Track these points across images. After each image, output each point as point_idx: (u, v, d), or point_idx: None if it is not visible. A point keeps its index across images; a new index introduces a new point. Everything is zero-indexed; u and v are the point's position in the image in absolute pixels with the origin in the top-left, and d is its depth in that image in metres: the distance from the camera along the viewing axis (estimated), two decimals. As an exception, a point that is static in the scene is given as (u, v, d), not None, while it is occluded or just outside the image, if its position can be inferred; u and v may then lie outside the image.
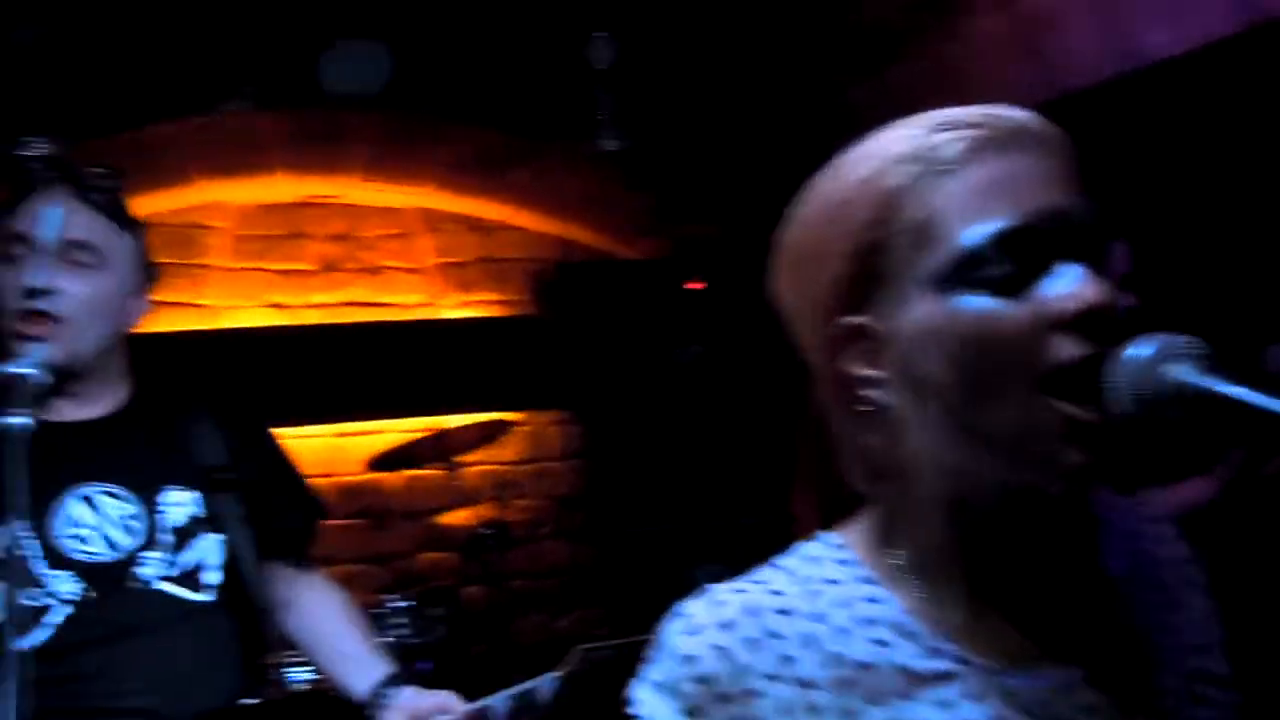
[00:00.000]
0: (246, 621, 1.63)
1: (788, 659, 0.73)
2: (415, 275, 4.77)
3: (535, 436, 4.87)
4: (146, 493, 1.57)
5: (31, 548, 1.45)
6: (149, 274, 1.72)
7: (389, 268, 4.74)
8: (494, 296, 4.85)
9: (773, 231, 0.84)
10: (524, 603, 4.17)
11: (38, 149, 2.48)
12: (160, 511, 1.56)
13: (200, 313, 4.42)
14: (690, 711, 0.73)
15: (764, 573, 0.80)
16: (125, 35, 2.84)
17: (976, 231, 0.70)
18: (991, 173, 0.71)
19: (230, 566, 1.60)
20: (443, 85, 3.20)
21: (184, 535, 1.57)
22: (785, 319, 0.84)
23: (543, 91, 3.20)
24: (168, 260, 4.37)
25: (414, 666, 3.43)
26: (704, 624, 0.75)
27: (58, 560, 1.47)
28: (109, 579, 1.50)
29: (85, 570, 1.49)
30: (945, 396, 0.72)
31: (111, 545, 1.51)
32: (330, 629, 1.78)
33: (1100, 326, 0.69)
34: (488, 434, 3.94)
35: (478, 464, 4.57)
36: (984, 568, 0.76)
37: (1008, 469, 0.71)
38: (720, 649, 0.73)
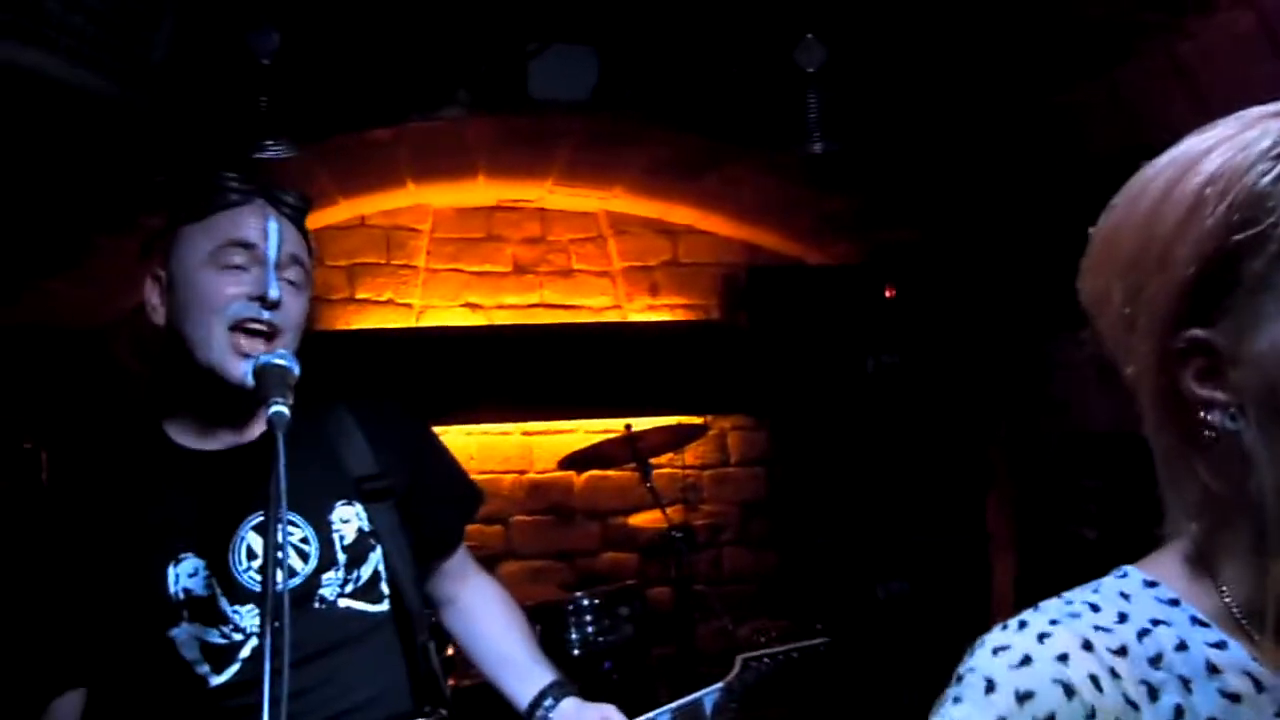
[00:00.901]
0: (410, 630, 1.60)
1: (1133, 705, 0.67)
2: (604, 278, 4.84)
3: (722, 441, 4.86)
4: (315, 514, 1.52)
5: (214, 586, 1.43)
6: None
7: (579, 270, 4.82)
8: (680, 300, 4.87)
9: (973, 238, 0.76)
10: (707, 607, 4.15)
11: (273, 153, 2.61)
12: (332, 530, 1.53)
13: (403, 311, 4.60)
14: None
15: (1076, 600, 0.73)
16: (347, 42, 2.97)
17: None
18: None
19: (394, 576, 1.57)
20: (649, 89, 3.21)
21: (356, 550, 1.53)
22: (1095, 326, 0.77)
23: (748, 94, 3.17)
24: (376, 261, 4.58)
25: (601, 667, 3.46)
26: (1036, 657, 0.68)
27: (241, 596, 1.43)
28: (292, 604, 1.43)
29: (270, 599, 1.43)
30: None
31: (291, 572, 1.48)
32: (492, 630, 1.76)
33: None
34: (679, 437, 3.94)
35: (664, 467, 4.60)
36: None
37: None
38: (1063, 686, 0.67)
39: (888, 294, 4.07)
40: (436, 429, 4.26)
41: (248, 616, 1.43)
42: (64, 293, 3.53)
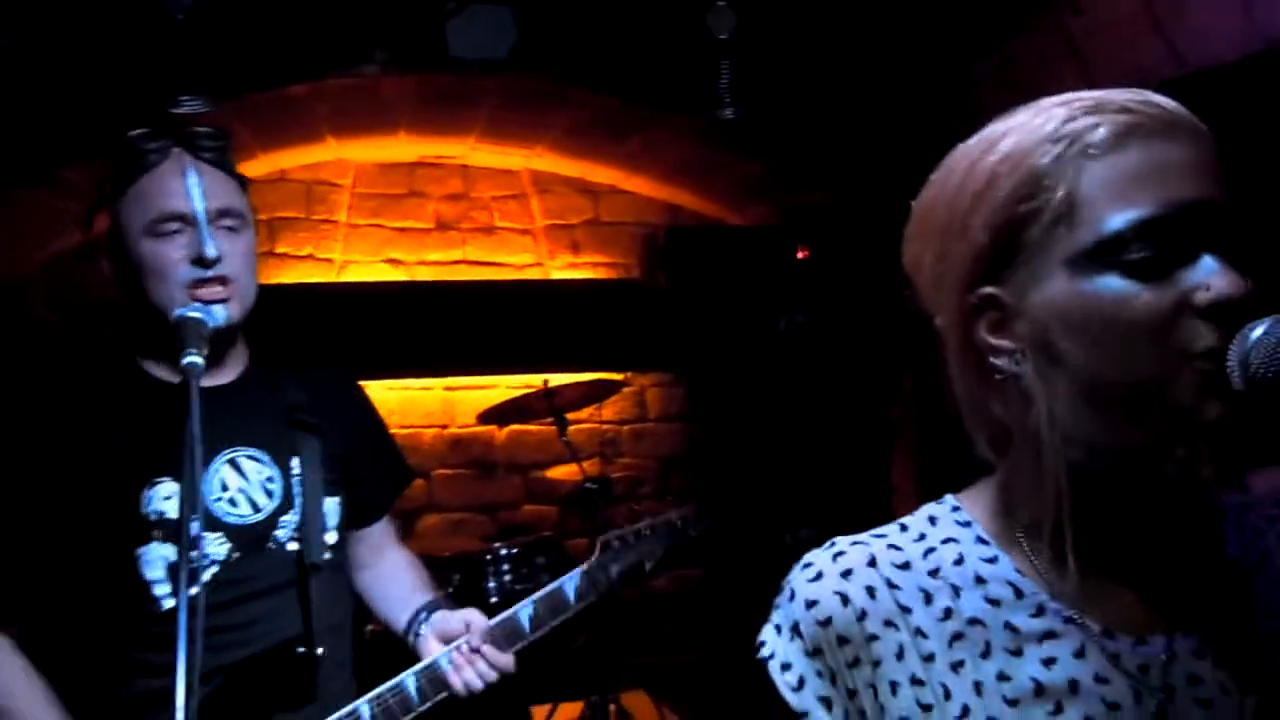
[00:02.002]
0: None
1: (904, 609, 0.79)
2: (526, 236, 4.89)
3: (641, 398, 4.98)
4: (279, 456, 1.63)
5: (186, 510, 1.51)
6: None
7: (501, 228, 4.87)
8: (602, 259, 4.95)
9: (885, 201, 0.86)
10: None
11: (189, 107, 2.61)
12: (292, 474, 1.63)
13: (324, 266, 4.61)
14: (812, 651, 0.80)
15: (886, 529, 0.86)
16: (267, -1, 2.97)
17: (1120, 217, 0.73)
18: (1139, 160, 0.73)
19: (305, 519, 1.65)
20: (566, 51, 3.26)
21: (309, 497, 1.63)
22: (915, 285, 0.87)
23: (663, 60, 3.24)
24: (296, 215, 4.58)
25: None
26: (826, 572, 0.82)
27: (211, 523, 1.54)
28: (252, 540, 1.58)
29: (233, 532, 1.56)
30: (1075, 369, 0.74)
31: (255, 508, 1.59)
32: (389, 578, 1.86)
33: (1234, 316, 0.71)
34: (596, 393, 4.04)
35: (583, 422, 4.70)
36: (1102, 534, 0.79)
37: (1139, 434, 0.74)
38: (841, 595, 0.80)
39: (800, 255, 4.20)
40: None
41: (214, 544, 1.54)
42: (-24, 244, 3.49)
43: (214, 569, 1.54)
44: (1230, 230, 0.74)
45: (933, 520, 0.86)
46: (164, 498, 1.52)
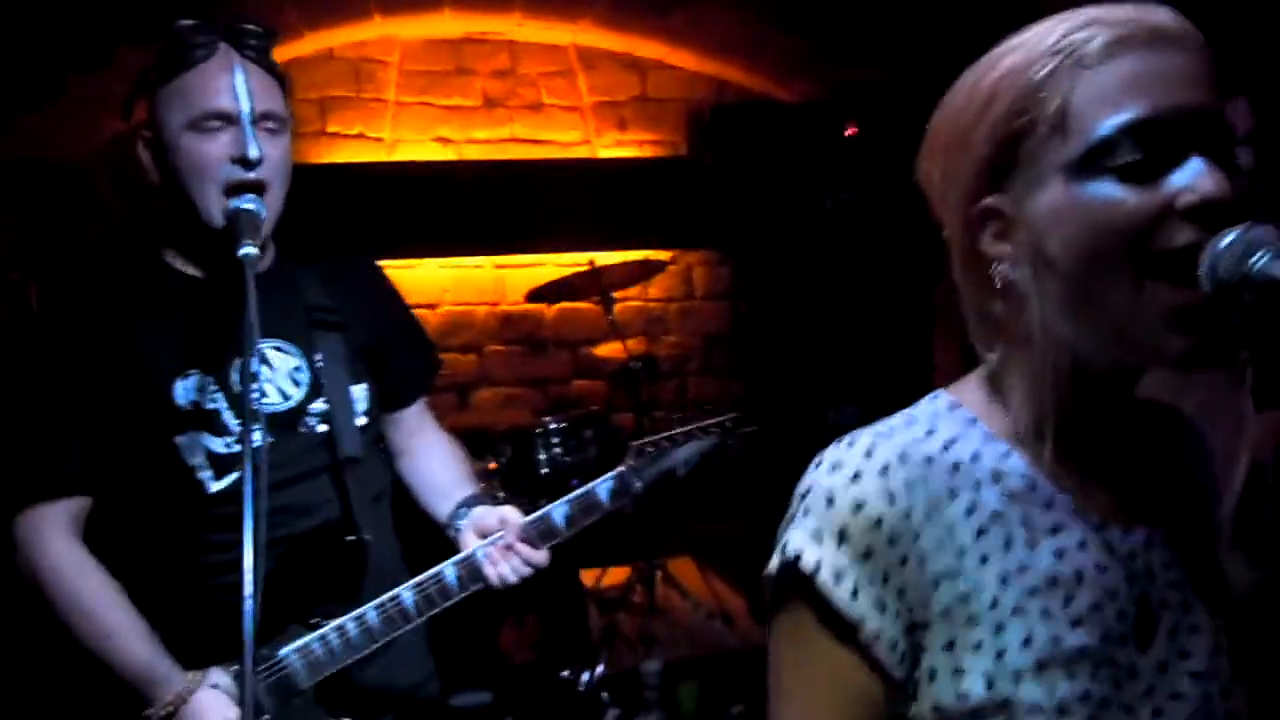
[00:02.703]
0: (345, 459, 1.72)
1: (936, 502, 0.82)
2: (573, 113, 4.89)
3: (688, 275, 5.03)
4: (305, 346, 1.66)
5: (218, 399, 1.58)
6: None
7: (549, 105, 4.87)
8: (649, 136, 4.94)
9: (934, 78, 0.87)
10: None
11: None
12: (318, 363, 1.66)
13: (374, 145, 4.66)
14: (864, 555, 0.80)
15: (892, 422, 0.88)
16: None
17: (1109, 122, 0.75)
18: (1130, 68, 0.76)
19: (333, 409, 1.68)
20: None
21: (335, 385, 1.68)
22: (929, 198, 0.90)
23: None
24: (346, 94, 4.61)
25: (569, 484, 3.73)
26: (864, 471, 0.82)
27: (241, 410, 1.56)
28: (283, 426, 1.61)
29: (265, 420, 1.53)
30: (1064, 275, 0.78)
31: (284, 396, 1.63)
32: (429, 468, 1.88)
33: (1216, 217, 0.74)
34: (641, 273, 4.10)
35: (631, 299, 4.78)
36: (1087, 433, 0.84)
37: (1116, 348, 0.79)
38: (889, 493, 0.81)
39: (849, 132, 4.17)
40: (411, 262, 4.43)
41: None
42: (41, 127, 3.59)
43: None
44: (1220, 135, 0.77)
45: (937, 415, 0.88)
46: (196, 389, 1.56)
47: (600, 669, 3.36)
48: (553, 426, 3.69)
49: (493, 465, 3.63)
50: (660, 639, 3.64)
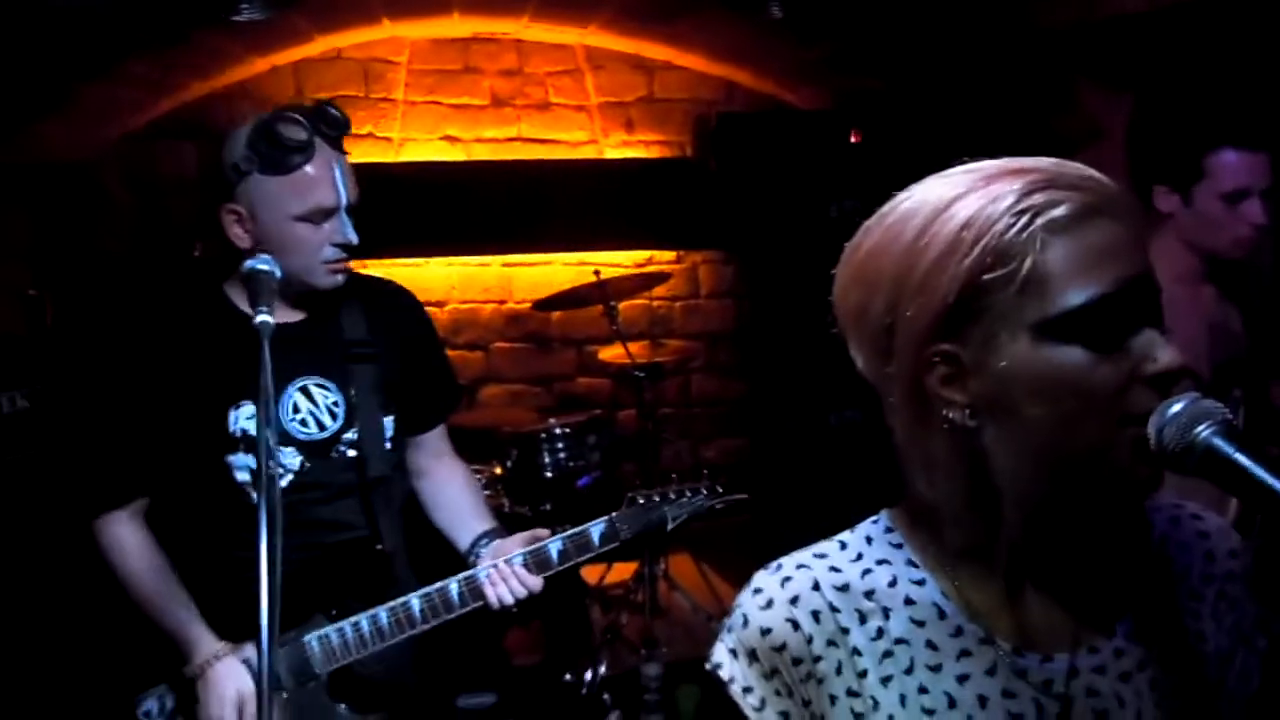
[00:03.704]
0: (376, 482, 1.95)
1: (844, 630, 0.90)
2: (581, 113, 4.91)
3: (693, 274, 5.08)
4: (342, 381, 1.89)
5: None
6: None
7: (556, 104, 4.89)
8: (656, 137, 4.97)
9: (937, 90, 0.87)
10: (672, 430, 4.48)
11: (248, 15, 2.68)
12: (353, 398, 1.89)
13: (383, 145, 4.70)
14: (769, 673, 0.89)
15: (827, 546, 0.95)
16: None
17: (1082, 293, 0.79)
18: (1095, 238, 0.80)
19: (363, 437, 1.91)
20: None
21: (368, 416, 1.90)
22: (842, 322, 0.94)
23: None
24: (355, 94, 4.64)
25: (575, 484, 3.80)
26: (776, 600, 0.91)
27: (285, 439, 1.83)
28: (317, 453, 1.86)
29: (303, 446, 1.85)
30: (1030, 426, 0.82)
31: (322, 427, 1.86)
32: (451, 495, 2.10)
33: (1174, 385, 0.80)
34: (645, 283, 4.16)
35: (638, 298, 4.82)
36: (1030, 560, 0.88)
37: (1080, 483, 0.83)
38: (791, 622, 0.90)
39: (853, 139, 4.19)
40: (418, 260, 4.56)
41: (289, 456, 1.84)
42: (52, 131, 3.64)
43: (289, 476, 1.84)
44: (1157, 300, 0.83)
45: (869, 540, 0.95)
46: (247, 417, 1.81)
47: (602, 670, 3.44)
48: (557, 431, 3.75)
49: (499, 470, 3.71)
50: (661, 640, 3.70)
